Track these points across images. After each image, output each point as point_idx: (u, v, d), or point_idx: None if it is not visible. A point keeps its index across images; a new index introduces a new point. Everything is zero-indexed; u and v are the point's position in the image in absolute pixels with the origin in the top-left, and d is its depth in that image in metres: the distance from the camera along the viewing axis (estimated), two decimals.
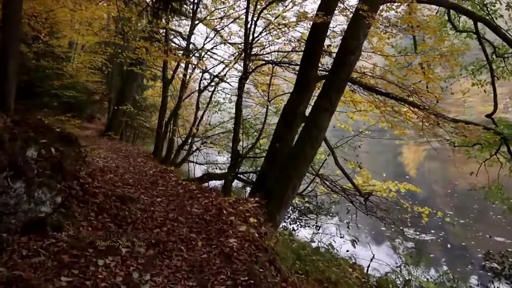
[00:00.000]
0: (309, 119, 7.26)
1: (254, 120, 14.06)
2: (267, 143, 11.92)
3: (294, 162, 7.02)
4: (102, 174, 8.17)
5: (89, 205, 5.39)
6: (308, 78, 7.92)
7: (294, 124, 7.84)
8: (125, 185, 7.60)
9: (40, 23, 14.20)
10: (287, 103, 8.10)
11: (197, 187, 7.60)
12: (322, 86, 7.55)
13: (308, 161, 7.09)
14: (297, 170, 7.00)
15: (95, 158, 10.86)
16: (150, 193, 7.13)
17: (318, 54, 8.06)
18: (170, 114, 14.68)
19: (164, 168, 9.97)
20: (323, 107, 7.11)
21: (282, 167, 7.18)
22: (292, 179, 6.99)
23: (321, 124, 7.08)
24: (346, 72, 7.18)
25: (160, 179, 8.59)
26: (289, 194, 7.03)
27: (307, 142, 7.01)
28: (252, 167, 12.85)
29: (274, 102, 12.62)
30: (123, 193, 6.60)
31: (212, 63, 15.62)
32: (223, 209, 6.15)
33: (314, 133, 7.04)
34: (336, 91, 7.17)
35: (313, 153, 7.11)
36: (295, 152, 7.14)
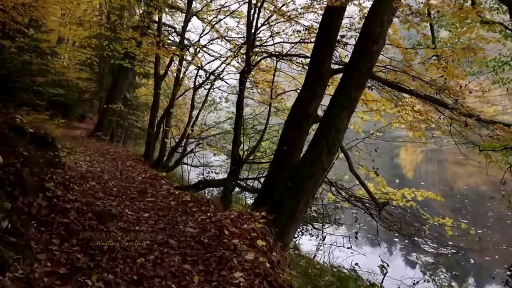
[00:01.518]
0: (325, 119, 6.06)
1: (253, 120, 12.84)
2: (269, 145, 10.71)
3: (308, 170, 5.82)
4: (82, 182, 6.91)
5: (54, 227, 4.14)
6: (321, 72, 6.73)
7: (304, 125, 6.65)
8: (108, 195, 6.35)
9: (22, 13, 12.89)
10: (296, 101, 6.90)
11: (192, 197, 6.38)
12: (339, 80, 6.36)
13: (324, 168, 5.90)
14: (311, 179, 5.80)
15: (78, 162, 9.58)
16: (136, 206, 5.89)
17: (332, 43, 6.89)
18: (162, 113, 13.41)
19: (155, 174, 8.73)
20: (342, 105, 5.93)
21: (293, 175, 5.98)
22: (305, 190, 5.78)
23: (340, 125, 5.89)
24: (368, 63, 6.00)
25: (149, 187, 7.35)
26: (301, 207, 5.83)
27: (322, 147, 5.82)
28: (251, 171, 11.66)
29: (276, 101, 11.44)
30: (103, 208, 5.35)
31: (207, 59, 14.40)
32: (225, 228, 4.94)
33: (331, 136, 5.85)
34: (356, 86, 5.98)
35: (330, 159, 5.92)
36: (308, 158, 5.94)
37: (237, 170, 7.79)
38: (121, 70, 16.56)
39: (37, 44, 14.43)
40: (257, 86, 10.32)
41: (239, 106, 7.91)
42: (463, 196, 18.81)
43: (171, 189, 7.22)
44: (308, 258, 8.66)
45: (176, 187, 8.10)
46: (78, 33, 16.21)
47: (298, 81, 9.57)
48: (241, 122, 8.04)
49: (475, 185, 24.70)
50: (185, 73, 13.11)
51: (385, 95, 8.04)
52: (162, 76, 12.94)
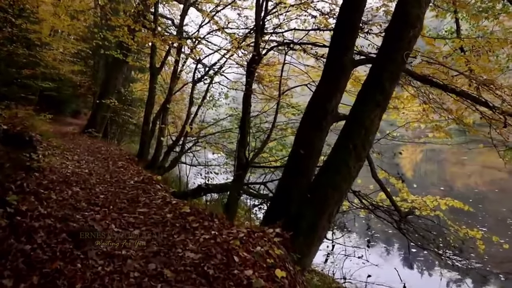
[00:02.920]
0: (352, 118, 5.00)
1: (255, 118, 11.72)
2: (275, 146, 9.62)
3: (332, 178, 4.76)
4: (63, 188, 5.82)
5: (10, 259, 3.05)
6: (342, 63, 5.66)
7: (324, 125, 5.58)
8: (92, 205, 5.25)
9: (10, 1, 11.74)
10: (313, 97, 5.83)
11: (192, 208, 5.29)
12: (368, 72, 5.28)
13: (352, 177, 4.83)
14: (337, 190, 4.74)
15: (64, 162, 8.47)
16: (125, 220, 4.80)
17: (355, 30, 5.84)
18: (158, 109, 12.27)
19: (149, 177, 7.63)
20: (373, 101, 4.87)
21: (313, 185, 4.93)
22: (329, 203, 4.73)
23: (370, 124, 4.83)
24: (403, 51, 4.93)
25: (142, 194, 6.26)
26: (324, 224, 4.77)
27: (349, 151, 4.76)
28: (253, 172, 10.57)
29: (283, 97, 10.35)
30: (82, 225, 4.26)
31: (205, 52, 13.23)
32: (234, 253, 3.87)
33: (360, 138, 4.79)
34: (390, 78, 4.91)
35: (358, 166, 4.85)
36: (332, 164, 4.87)
37: (244, 175, 6.72)
38: (115, 63, 15.41)
39: (25, 34, 13.30)
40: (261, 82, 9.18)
41: (246, 101, 6.81)
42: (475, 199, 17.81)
43: (167, 197, 6.14)
44: (321, 274, 7.64)
45: (173, 193, 7.03)
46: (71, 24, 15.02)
47: (309, 75, 8.49)
48: (249, 120, 6.97)
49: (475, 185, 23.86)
50: (183, 65, 11.99)
51: (409, 91, 7.02)
52: (158, 69, 11.81)
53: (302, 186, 5.28)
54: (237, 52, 9.59)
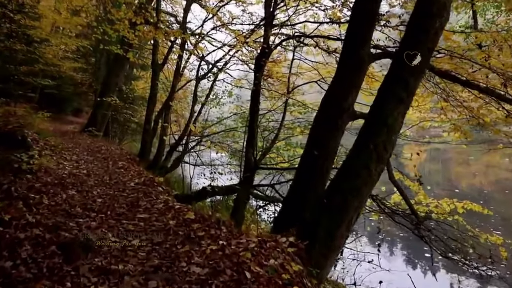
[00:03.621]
0: (373, 116, 4.52)
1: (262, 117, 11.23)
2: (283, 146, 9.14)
3: (352, 182, 4.28)
4: (58, 191, 5.36)
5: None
6: (359, 57, 5.17)
7: (339, 123, 5.09)
8: (88, 211, 4.79)
9: None
10: (327, 94, 5.34)
11: (197, 214, 4.82)
12: (390, 66, 4.80)
13: (373, 180, 4.36)
14: (357, 195, 4.26)
15: (62, 163, 8.02)
16: (123, 228, 4.33)
17: (372, 22, 5.33)
18: (161, 107, 11.79)
19: (151, 179, 7.16)
20: (396, 97, 4.39)
21: (331, 189, 4.46)
22: (348, 209, 4.25)
23: (393, 123, 4.35)
24: (430, 44, 4.45)
25: (143, 198, 5.79)
26: (342, 232, 4.30)
27: (370, 152, 4.28)
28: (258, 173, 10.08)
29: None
30: (76, 234, 3.79)
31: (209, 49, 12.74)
32: (245, 267, 3.41)
33: (381, 138, 4.32)
34: (414, 73, 4.43)
35: (380, 168, 4.37)
36: (351, 167, 4.40)
37: (252, 177, 6.24)
38: (116, 60, 14.95)
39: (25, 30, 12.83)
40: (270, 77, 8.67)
41: (254, 98, 6.32)
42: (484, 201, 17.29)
43: (170, 200, 5.67)
44: (333, 282, 7.17)
45: (175, 196, 6.57)
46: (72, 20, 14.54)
47: (318, 72, 8.00)
48: (257, 119, 6.48)
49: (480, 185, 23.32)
50: (186, 62, 11.49)
51: (428, 87, 6.53)
52: (161, 66, 11.33)
53: (317, 190, 4.81)
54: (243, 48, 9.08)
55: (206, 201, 7.60)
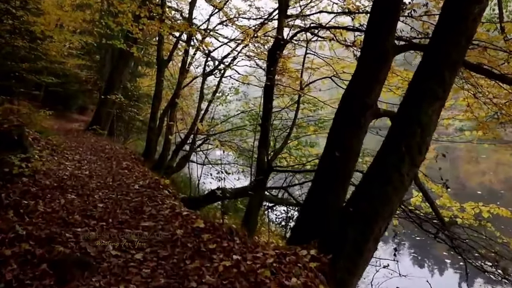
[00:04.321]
0: (403, 115, 4.01)
1: None
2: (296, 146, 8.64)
3: (381, 189, 3.78)
4: (56, 196, 4.91)
5: None
6: (383, 49, 4.65)
7: (362, 122, 4.59)
8: (87, 218, 4.32)
9: None
10: (348, 90, 4.83)
11: (207, 222, 4.34)
12: (421, 59, 4.28)
13: (404, 187, 3.86)
14: (387, 203, 3.77)
15: (63, 163, 7.60)
16: (126, 239, 3.86)
17: (398, 8, 4.82)
18: (166, 105, 11.31)
19: (156, 180, 6.70)
20: (430, 93, 3.87)
21: (357, 196, 3.97)
22: (377, 219, 3.76)
23: (427, 121, 3.84)
24: (468, 32, 3.93)
25: (147, 202, 5.33)
26: (370, 245, 3.80)
27: (402, 155, 3.77)
28: None
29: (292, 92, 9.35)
30: (72, 248, 3.33)
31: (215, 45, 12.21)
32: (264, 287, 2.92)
33: (415, 138, 3.81)
34: (450, 66, 3.91)
35: (412, 173, 3.87)
36: (381, 171, 3.89)
37: (265, 180, 5.75)
38: (120, 57, 14.50)
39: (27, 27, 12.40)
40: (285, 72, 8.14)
41: (268, 94, 5.81)
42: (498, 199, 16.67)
43: (177, 206, 5.20)
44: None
45: (183, 200, 6.10)
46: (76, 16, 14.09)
47: (332, 67, 7.48)
48: (271, 117, 5.99)
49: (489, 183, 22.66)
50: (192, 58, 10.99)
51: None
52: (166, 61, 10.85)
53: (339, 196, 4.33)
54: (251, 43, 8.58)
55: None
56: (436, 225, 5.59)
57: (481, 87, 5.88)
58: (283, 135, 7.30)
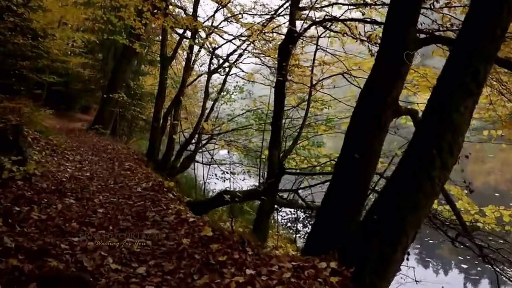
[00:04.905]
0: (432, 113, 3.61)
1: None
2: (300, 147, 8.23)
3: (409, 195, 3.39)
4: (52, 201, 4.55)
5: None
6: (403, 42, 4.26)
7: (382, 121, 4.20)
8: (85, 226, 3.96)
9: None
10: (367, 87, 4.44)
11: (216, 230, 3.97)
12: (450, 53, 3.89)
13: (436, 193, 3.47)
14: (415, 210, 3.38)
15: (63, 164, 7.25)
16: (127, 250, 3.49)
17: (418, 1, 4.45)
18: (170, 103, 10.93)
19: (160, 183, 6.34)
20: (462, 89, 3.47)
21: (382, 203, 3.57)
22: (405, 227, 3.38)
23: (460, 120, 3.44)
24: (503, 22, 3.54)
25: (151, 207, 4.96)
26: (398, 256, 3.42)
27: (433, 157, 3.38)
28: None
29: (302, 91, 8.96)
30: (66, 262, 2.96)
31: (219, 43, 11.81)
32: None
33: (446, 139, 3.41)
34: (484, 59, 3.50)
35: (444, 177, 3.48)
36: (408, 176, 3.50)
37: (277, 183, 5.36)
38: (123, 56, 14.14)
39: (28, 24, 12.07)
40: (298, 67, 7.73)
41: (279, 91, 5.40)
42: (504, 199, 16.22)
43: (182, 211, 4.82)
44: None
45: (188, 204, 5.73)
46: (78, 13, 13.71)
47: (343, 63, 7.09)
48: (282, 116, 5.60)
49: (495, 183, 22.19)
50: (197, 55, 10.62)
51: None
52: (170, 58, 10.48)
53: (359, 202, 3.95)
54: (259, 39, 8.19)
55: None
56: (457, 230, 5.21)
57: (506, 84, 5.48)
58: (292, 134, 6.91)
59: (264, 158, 7.54)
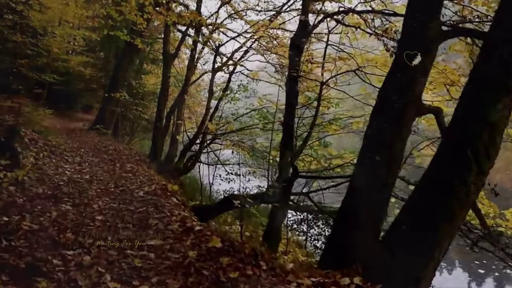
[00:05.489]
0: (465, 111, 3.23)
1: None
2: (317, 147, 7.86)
3: (442, 202, 3.02)
4: (47, 208, 4.19)
5: None
6: (426, 34, 3.89)
7: (404, 120, 3.82)
8: (82, 237, 3.57)
9: None
10: (387, 82, 4.07)
11: (224, 241, 3.58)
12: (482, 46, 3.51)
13: (472, 199, 3.09)
14: (450, 219, 3.00)
15: (62, 166, 6.91)
16: (127, 264, 3.11)
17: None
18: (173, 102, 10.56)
19: (163, 186, 5.97)
20: (499, 85, 3.09)
21: (409, 210, 3.20)
22: (437, 238, 3.01)
23: (497, 119, 3.05)
24: None
25: (153, 213, 4.59)
26: (429, 272, 3.05)
27: (469, 161, 3.00)
28: None
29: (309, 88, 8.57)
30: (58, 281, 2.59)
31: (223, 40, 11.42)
32: None
33: (482, 139, 3.04)
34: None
35: (480, 182, 3.10)
36: (440, 181, 3.12)
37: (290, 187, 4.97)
38: (125, 54, 13.77)
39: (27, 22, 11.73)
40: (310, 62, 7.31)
41: (292, 89, 5.01)
42: None
43: (187, 217, 4.46)
44: None
45: (193, 209, 5.36)
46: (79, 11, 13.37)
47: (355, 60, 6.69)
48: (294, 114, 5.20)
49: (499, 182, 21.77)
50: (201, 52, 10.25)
51: None
52: (173, 55, 10.12)
53: (382, 209, 3.57)
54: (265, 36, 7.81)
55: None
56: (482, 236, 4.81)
57: None
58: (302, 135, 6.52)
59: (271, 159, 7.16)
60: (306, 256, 6.78)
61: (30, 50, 11.34)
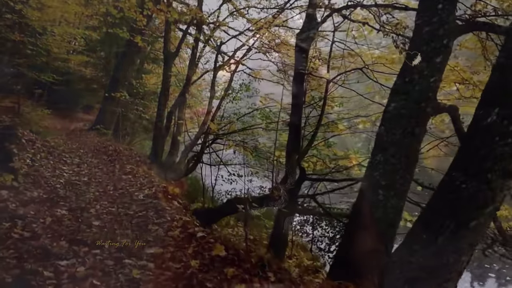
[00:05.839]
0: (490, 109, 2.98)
1: None
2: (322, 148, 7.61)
3: (466, 208, 2.77)
4: (41, 214, 3.96)
5: None
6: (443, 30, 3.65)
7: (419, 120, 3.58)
8: (76, 245, 3.34)
9: None
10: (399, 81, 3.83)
11: (229, 249, 3.34)
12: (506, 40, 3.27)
13: (497, 207, 2.85)
14: (473, 226, 2.76)
15: (60, 168, 6.67)
16: (124, 276, 2.88)
17: None
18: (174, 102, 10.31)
19: (163, 189, 5.73)
20: None
21: (431, 217, 2.96)
22: (460, 247, 2.77)
23: None
24: None
25: (153, 218, 4.35)
26: (451, 285, 2.80)
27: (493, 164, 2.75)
28: None
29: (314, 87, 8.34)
30: None
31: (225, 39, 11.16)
32: None
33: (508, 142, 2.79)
34: None
35: (507, 187, 2.85)
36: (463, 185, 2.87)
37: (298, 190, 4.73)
38: (125, 53, 13.54)
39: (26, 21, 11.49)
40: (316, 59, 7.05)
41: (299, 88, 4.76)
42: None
43: (189, 223, 4.21)
44: None
45: (195, 212, 5.12)
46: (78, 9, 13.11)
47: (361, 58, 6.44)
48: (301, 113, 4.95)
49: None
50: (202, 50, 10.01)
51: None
52: (174, 54, 9.87)
53: (397, 213, 3.33)
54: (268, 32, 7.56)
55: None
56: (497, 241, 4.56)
57: None
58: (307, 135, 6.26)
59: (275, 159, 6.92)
60: (312, 260, 6.53)
61: (29, 50, 11.13)
